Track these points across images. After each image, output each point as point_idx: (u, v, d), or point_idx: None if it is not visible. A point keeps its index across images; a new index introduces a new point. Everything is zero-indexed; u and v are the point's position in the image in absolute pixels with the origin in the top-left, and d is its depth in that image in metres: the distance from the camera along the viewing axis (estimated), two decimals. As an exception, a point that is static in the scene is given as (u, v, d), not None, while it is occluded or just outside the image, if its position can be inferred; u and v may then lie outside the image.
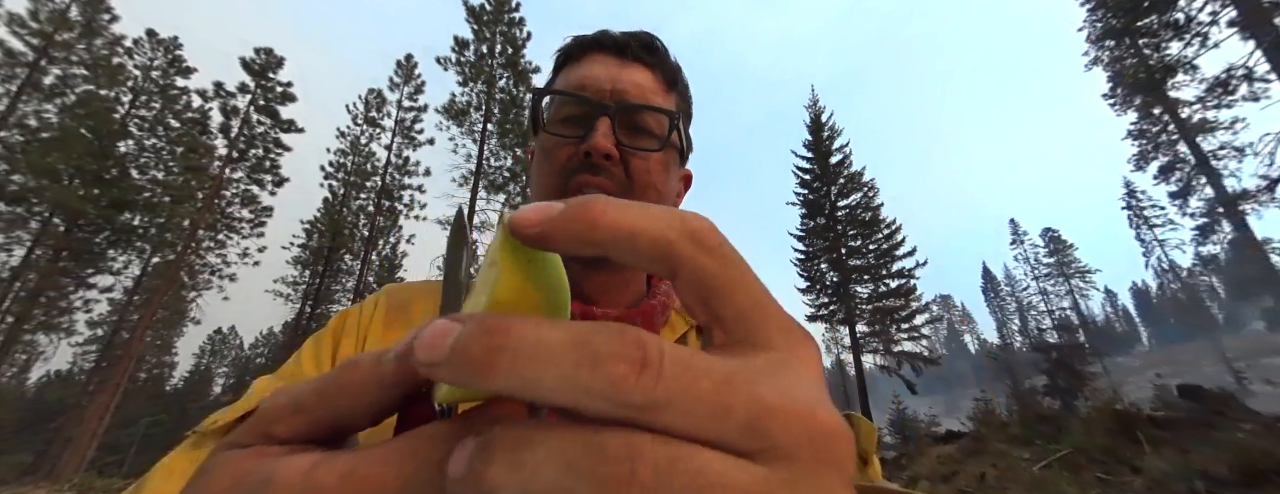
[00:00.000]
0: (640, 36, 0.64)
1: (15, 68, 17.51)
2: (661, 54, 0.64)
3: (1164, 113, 19.49)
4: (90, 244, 19.17)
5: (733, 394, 0.13)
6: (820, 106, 22.73)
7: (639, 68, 0.62)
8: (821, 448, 0.13)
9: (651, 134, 0.59)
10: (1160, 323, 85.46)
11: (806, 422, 0.13)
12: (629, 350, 0.13)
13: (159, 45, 21.64)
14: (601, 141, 0.55)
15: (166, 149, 20.35)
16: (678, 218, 0.16)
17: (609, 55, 0.62)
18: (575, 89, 0.60)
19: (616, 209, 0.15)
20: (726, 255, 0.16)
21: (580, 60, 0.63)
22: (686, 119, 0.69)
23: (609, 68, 0.61)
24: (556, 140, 0.59)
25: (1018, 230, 57.27)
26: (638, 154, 0.58)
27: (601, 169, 0.56)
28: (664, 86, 0.63)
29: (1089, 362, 14.83)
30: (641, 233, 0.15)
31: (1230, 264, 39.10)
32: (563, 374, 0.13)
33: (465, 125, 19.93)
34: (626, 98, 0.59)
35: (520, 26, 20.85)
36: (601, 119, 0.56)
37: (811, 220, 21.64)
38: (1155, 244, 43.11)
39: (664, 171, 0.61)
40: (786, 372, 0.15)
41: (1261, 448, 4.34)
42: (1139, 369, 40.59)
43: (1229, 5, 15.73)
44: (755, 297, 0.16)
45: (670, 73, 0.64)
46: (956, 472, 6.38)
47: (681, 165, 0.69)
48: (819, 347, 0.17)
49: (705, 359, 0.14)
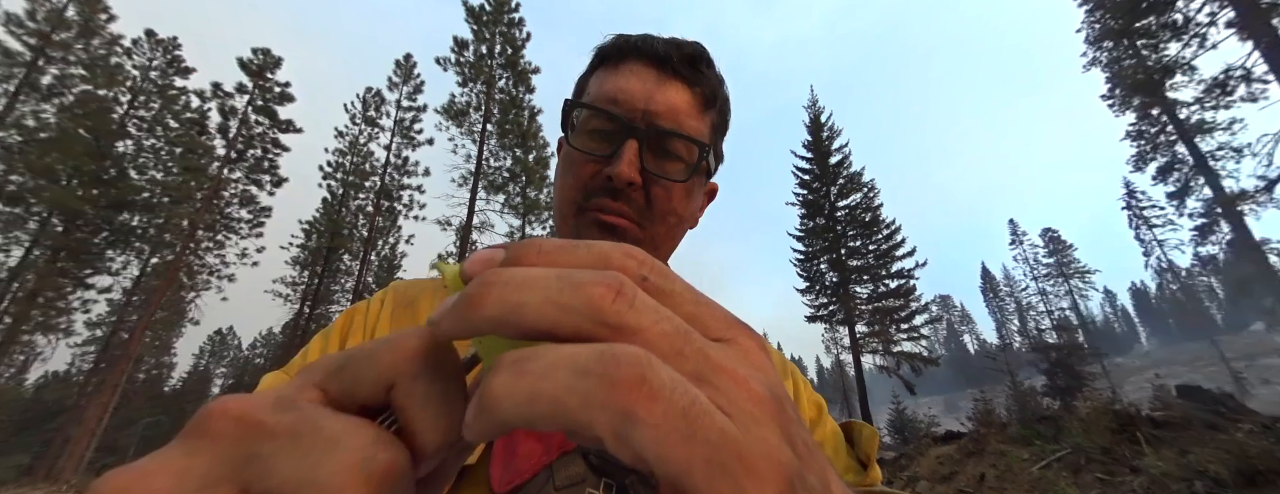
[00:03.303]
0: (685, 47, 0.61)
1: (13, 68, 17.48)
2: (704, 70, 0.61)
3: (1162, 113, 19.52)
4: (88, 244, 19.13)
5: (687, 343, 0.15)
6: (820, 107, 22.75)
7: (677, 85, 0.59)
8: (757, 406, 0.14)
9: (680, 160, 0.58)
10: (1159, 323, 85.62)
11: (743, 385, 0.15)
12: (607, 279, 0.15)
13: (157, 45, 21.62)
14: (625, 170, 0.54)
15: (165, 149, 20.32)
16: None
17: (649, 67, 0.59)
18: (607, 103, 0.58)
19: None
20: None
21: (618, 66, 0.61)
22: (721, 134, 0.67)
23: (646, 82, 0.58)
24: (581, 156, 0.58)
25: (1017, 230, 57.25)
26: (660, 182, 0.57)
27: (621, 194, 0.55)
28: (701, 106, 0.60)
29: (1088, 362, 14.85)
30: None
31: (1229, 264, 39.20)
32: (545, 296, 0.15)
33: (465, 126, 19.92)
34: (659, 121, 0.57)
35: (520, 27, 20.85)
36: (629, 142, 0.55)
37: (811, 220, 21.64)
38: (1154, 244, 43.14)
39: (685, 199, 0.60)
40: (730, 347, 0.16)
41: (1260, 448, 4.34)
42: (1138, 369, 40.65)
43: (1227, 6, 15.76)
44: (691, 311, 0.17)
45: (711, 90, 0.61)
46: (956, 472, 6.37)
47: (708, 180, 0.67)
48: (763, 340, 0.18)
49: (668, 309, 0.16)
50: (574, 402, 0.13)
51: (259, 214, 21.69)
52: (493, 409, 0.14)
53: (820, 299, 20.48)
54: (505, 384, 0.14)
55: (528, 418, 0.14)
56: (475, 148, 19.59)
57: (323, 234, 22.97)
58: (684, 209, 0.60)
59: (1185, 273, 68.24)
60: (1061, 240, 55.41)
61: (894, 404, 17.11)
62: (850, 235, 20.64)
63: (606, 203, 0.56)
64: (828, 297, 20.33)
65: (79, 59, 18.76)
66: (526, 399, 0.13)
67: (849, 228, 20.70)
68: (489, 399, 0.14)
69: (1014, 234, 57.46)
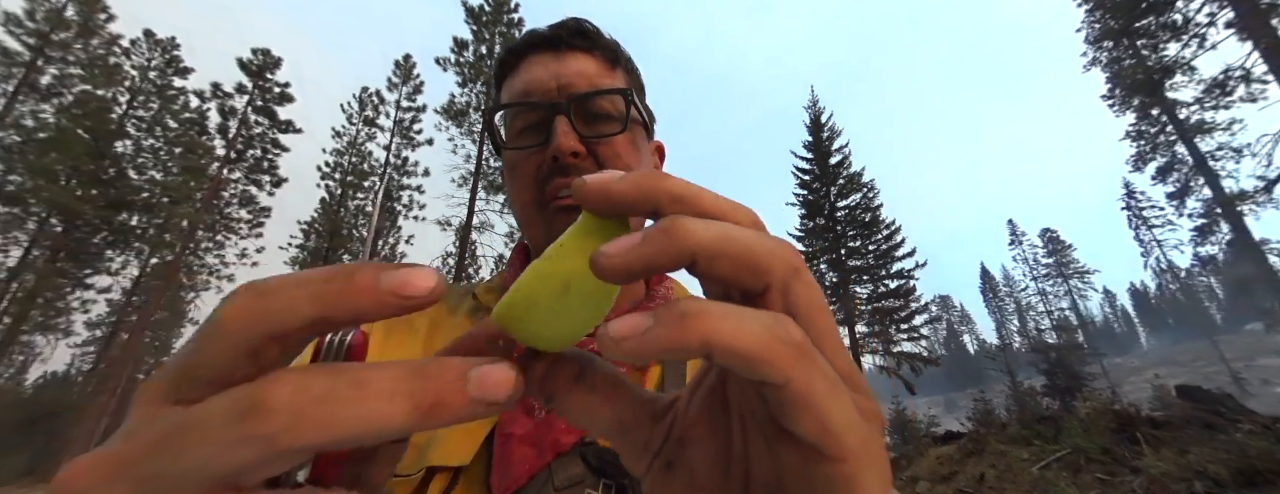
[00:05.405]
0: (568, 24, 0.62)
1: (12, 68, 17.46)
2: (595, 35, 0.62)
3: (1162, 114, 19.52)
4: (88, 245, 19.12)
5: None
6: (820, 107, 22.72)
7: (578, 55, 0.60)
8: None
9: (610, 117, 0.58)
10: (1159, 323, 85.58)
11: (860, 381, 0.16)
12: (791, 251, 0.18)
13: (156, 45, 21.59)
14: (564, 141, 0.54)
15: (164, 149, 20.30)
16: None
17: (545, 53, 0.60)
18: (521, 97, 0.59)
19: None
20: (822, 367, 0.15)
21: (517, 67, 0.62)
22: (640, 92, 0.68)
23: (548, 65, 0.59)
24: (520, 154, 0.58)
25: (1016, 231, 57.26)
26: (603, 141, 0.57)
27: (572, 168, 0.55)
28: (608, 66, 0.62)
29: (1087, 362, 14.84)
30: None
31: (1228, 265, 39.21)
32: (752, 239, 0.17)
33: (464, 126, 19.91)
34: (574, 89, 0.58)
35: (519, 27, 20.84)
36: (558, 119, 0.55)
37: (811, 221, 21.64)
38: (1154, 245, 43.17)
39: (634, 151, 0.60)
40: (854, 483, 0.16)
41: (1260, 448, 4.34)
42: (1137, 369, 40.64)
43: (1227, 6, 15.77)
44: (849, 417, 0.15)
45: (610, 51, 0.63)
46: (955, 472, 6.37)
47: (650, 138, 0.68)
48: (883, 435, 0.17)
49: None
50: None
51: (258, 214, 21.69)
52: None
53: (820, 299, 20.47)
54: (713, 323, 0.14)
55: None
56: (475, 148, 19.59)
57: (321, 234, 22.96)
58: (635, 161, 0.60)
59: (1185, 273, 68.26)
60: (1060, 240, 55.43)
61: (894, 404, 17.10)
62: (850, 236, 20.64)
63: (560, 183, 0.55)
64: (827, 297, 20.24)
65: (78, 59, 18.74)
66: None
67: (849, 228, 20.70)
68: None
69: (1013, 234, 57.48)
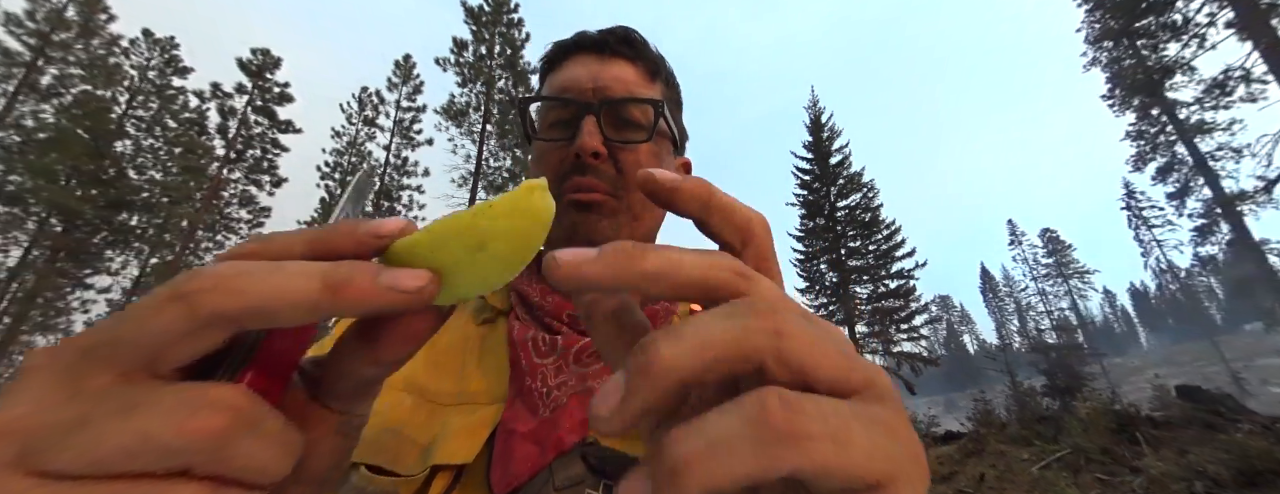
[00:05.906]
0: (617, 31, 0.64)
1: (12, 68, 17.46)
2: (641, 46, 0.64)
3: (1162, 114, 19.52)
4: (87, 245, 19.10)
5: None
6: (820, 107, 22.72)
7: (620, 62, 0.62)
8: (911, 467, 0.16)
9: (638, 126, 0.60)
10: (1159, 323, 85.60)
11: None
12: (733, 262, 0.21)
13: (155, 45, 21.58)
14: (588, 140, 0.55)
15: (164, 149, 20.29)
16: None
17: (589, 55, 0.63)
18: (558, 92, 0.61)
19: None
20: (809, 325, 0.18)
21: (562, 65, 0.64)
22: (676, 107, 0.69)
23: (589, 67, 0.61)
24: (548, 146, 0.60)
25: (1016, 231, 57.31)
26: (626, 147, 0.58)
27: (591, 168, 0.56)
28: (647, 77, 0.64)
29: (1087, 362, 14.83)
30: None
31: (1228, 265, 39.22)
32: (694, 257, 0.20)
33: (464, 126, 19.93)
34: (609, 93, 0.59)
35: (519, 27, 20.85)
36: (587, 118, 0.57)
37: (811, 221, 21.64)
38: (1154, 245, 43.22)
39: (655, 162, 0.61)
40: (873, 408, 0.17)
41: (1260, 448, 4.34)
42: (1137, 370, 40.61)
43: (1227, 6, 15.77)
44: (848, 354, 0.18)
45: (652, 64, 0.65)
46: (956, 472, 6.36)
47: (678, 154, 0.69)
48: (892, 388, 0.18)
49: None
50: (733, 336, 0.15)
51: (258, 214, 21.70)
52: (665, 373, 0.15)
53: (820, 299, 20.48)
54: (670, 345, 0.15)
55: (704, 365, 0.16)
56: (475, 148, 19.60)
57: (322, 234, 22.95)
58: None
59: (1185, 273, 68.28)
60: (1060, 240, 55.47)
61: (893, 404, 17.09)
62: (850, 236, 20.65)
63: (577, 180, 0.57)
64: (827, 297, 20.34)
65: (78, 59, 18.74)
66: (698, 346, 0.15)
67: (849, 228, 20.70)
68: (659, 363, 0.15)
69: (1013, 234, 57.52)
